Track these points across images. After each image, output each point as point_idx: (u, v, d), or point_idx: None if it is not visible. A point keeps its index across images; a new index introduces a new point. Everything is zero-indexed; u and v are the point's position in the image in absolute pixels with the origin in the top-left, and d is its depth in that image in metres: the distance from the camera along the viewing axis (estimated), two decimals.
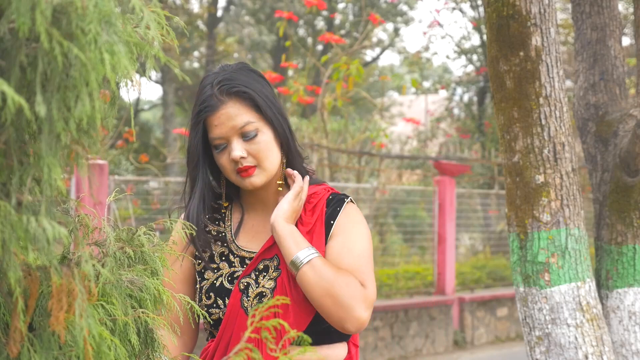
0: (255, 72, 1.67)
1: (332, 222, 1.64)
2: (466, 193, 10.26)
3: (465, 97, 15.74)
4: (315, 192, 1.69)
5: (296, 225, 1.64)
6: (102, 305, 1.09)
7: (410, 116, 13.36)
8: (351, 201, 1.69)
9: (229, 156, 1.61)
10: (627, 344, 2.54)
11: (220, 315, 1.63)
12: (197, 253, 1.70)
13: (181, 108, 19.00)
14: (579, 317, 2.30)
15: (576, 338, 2.29)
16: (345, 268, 1.56)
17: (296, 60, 15.50)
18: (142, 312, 1.17)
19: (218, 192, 1.74)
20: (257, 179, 1.62)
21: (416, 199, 9.65)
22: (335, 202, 1.67)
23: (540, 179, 2.33)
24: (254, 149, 1.60)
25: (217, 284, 1.66)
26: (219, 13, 17.63)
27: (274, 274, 1.62)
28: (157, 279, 1.22)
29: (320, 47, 17.24)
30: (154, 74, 16.81)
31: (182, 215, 1.72)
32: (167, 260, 1.29)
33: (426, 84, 17.93)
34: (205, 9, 17.26)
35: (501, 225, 10.34)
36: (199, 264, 1.70)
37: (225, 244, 1.71)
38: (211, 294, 1.65)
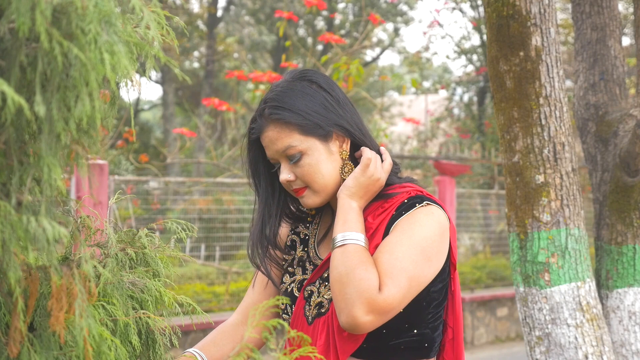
0: (311, 83, 1.58)
1: (392, 225, 1.51)
2: (466, 193, 10.26)
3: (465, 97, 15.74)
4: (393, 197, 1.56)
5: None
6: (102, 305, 1.09)
7: (410, 116, 13.36)
8: (428, 203, 1.53)
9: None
10: (627, 344, 2.54)
11: (290, 322, 1.61)
12: (283, 256, 1.69)
13: (181, 108, 19.00)
14: (579, 317, 2.30)
15: (576, 338, 2.29)
16: (378, 267, 1.44)
17: (296, 60, 15.51)
18: (143, 314, 1.16)
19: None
20: (310, 200, 1.56)
21: None
22: (406, 207, 1.53)
23: (540, 179, 2.33)
24: (299, 172, 1.54)
25: (289, 290, 1.63)
26: (219, 13, 17.63)
27: None
28: (159, 281, 1.22)
29: (320, 47, 17.24)
30: (154, 74, 16.81)
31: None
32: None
33: (426, 84, 17.93)
34: (205, 9, 17.26)
35: (501, 225, 10.34)
36: (283, 264, 1.68)
37: (306, 249, 1.67)
38: (284, 299, 1.63)
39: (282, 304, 1.62)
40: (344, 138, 1.57)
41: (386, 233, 1.51)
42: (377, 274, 1.42)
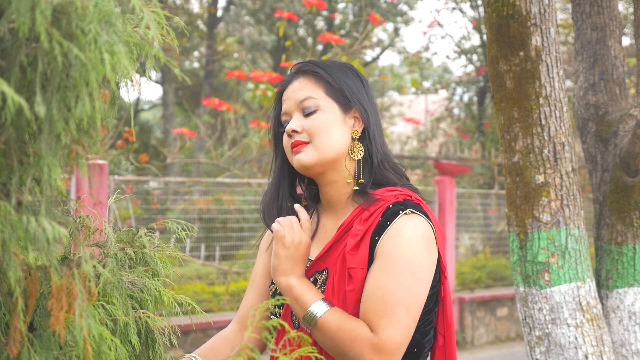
0: (351, 70, 1.63)
1: (377, 237, 1.48)
2: (466, 193, 10.26)
3: (465, 97, 15.73)
4: (381, 198, 1.53)
5: (347, 236, 1.53)
6: (102, 305, 1.09)
7: (410, 116, 13.37)
8: (412, 212, 1.49)
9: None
10: (627, 344, 2.54)
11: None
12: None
13: (181, 108, 19.00)
14: (579, 317, 2.30)
15: (576, 338, 2.29)
16: (369, 309, 1.43)
17: (296, 60, 15.50)
18: (143, 313, 1.16)
19: (298, 195, 1.69)
20: (304, 155, 1.53)
21: None
22: (390, 214, 1.49)
23: (540, 179, 2.33)
24: (308, 125, 1.54)
25: (279, 290, 1.61)
26: (219, 13, 17.62)
27: (320, 289, 1.53)
28: (158, 280, 1.22)
29: (320, 47, 17.23)
30: (154, 74, 16.81)
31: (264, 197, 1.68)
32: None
33: (426, 84, 17.92)
34: (205, 9, 17.26)
35: (501, 225, 10.35)
36: None
37: None
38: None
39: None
40: (360, 121, 1.59)
41: (372, 242, 1.49)
42: (362, 322, 1.43)
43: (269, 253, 1.71)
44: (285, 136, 1.59)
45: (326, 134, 1.54)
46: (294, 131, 1.55)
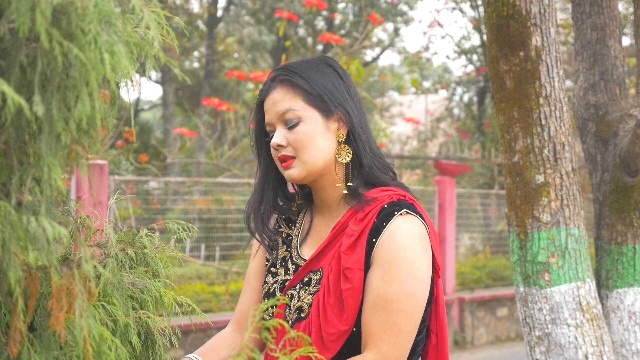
0: (329, 66, 1.60)
1: (374, 239, 1.47)
2: (466, 193, 10.26)
3: (465, 97, 15.73)
4: (375, 198, 1.53)
5: (342, 236, 1.53)
6: (103, 305, 1.09)
7: (410, 116, 13.37)
8: (407, 212, 1.49)
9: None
10: (627, 344, 2.54)
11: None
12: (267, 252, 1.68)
13: (181, 108, 19.00)
14: (579, 317, 2.30)
15: (576, 338, 2.29)
16: (372, 322, 1.44)
17: (296, 60, 15.46)
18: (143, 314, 1.16)
19: (291, 194, 1.69)
20: (294, 171, 1.54)
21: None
22: (385, 215, 1.48)
23: (540, 179, 2.33)
24: (292, 138, 1.53)
25: (272, 290, 1.62)
26: (219, 13, 17.62)
27: (314, 289, 1.53)
28: (159, 281, 1.22)
29: (320, 47, 17.23)
30: (154, 74, 16.81)
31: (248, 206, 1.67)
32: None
33: (426, 84, 17.91)
34: (205, 9, 17.26)
35: (501, 225, 10.35)
36: (266, 265, 1.68)
37: (289, 249, 1.66)
38: (266, 299, 1.61)
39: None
40: (343, 123, 1.57)
41: (369, 244, 1.48)
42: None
43: (260, 255, 1.72)
44: (272, 148, 1.58)
45: (310, 146, 1.53)
46: (279, 145, 1.55)
